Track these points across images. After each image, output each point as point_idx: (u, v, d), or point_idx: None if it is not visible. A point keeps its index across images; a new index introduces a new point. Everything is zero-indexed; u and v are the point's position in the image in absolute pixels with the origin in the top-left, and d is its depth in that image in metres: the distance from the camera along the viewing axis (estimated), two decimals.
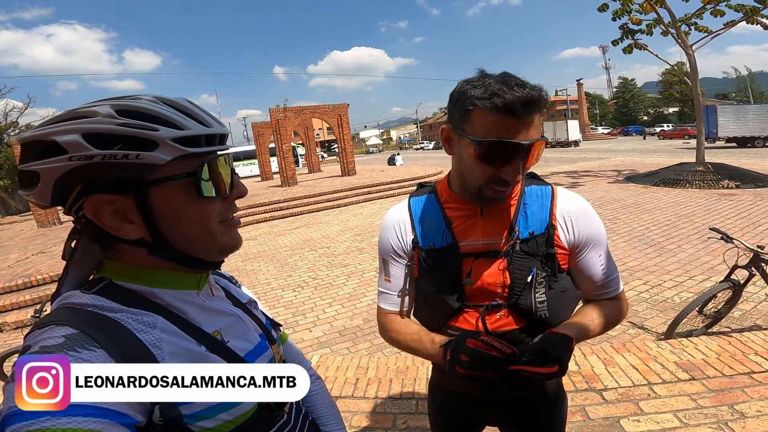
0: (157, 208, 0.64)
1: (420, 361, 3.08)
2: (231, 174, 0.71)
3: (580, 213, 1.05)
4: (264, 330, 0.83)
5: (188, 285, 0.71)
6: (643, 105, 68.00)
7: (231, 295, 0.84)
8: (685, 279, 4.75)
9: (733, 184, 9.97)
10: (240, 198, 0.74)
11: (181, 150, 0.62)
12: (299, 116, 18.62)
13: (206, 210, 0.67)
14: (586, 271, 1.08)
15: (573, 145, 34.42)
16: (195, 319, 0.69)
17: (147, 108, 0.62)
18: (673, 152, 21.03)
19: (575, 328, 1.02)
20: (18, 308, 5.80)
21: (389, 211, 1.17)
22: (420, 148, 66.83)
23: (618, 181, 12.22)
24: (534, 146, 0.90)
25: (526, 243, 1.02)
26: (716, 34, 11.73)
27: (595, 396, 2.43)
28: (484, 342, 0.88)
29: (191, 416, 0.61)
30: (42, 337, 0.55)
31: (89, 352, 0.54)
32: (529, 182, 1.09)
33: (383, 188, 14.31)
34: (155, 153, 0.60)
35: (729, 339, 2.94)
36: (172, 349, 0.62)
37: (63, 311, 0.60)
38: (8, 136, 28.97)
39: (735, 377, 2.44)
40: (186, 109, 0.66)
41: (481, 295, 1.04)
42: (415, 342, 1.10)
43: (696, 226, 6.77)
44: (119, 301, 0.63)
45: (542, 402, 1.18)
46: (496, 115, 0.87)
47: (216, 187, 0.68)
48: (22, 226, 16.35)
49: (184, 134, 0.63)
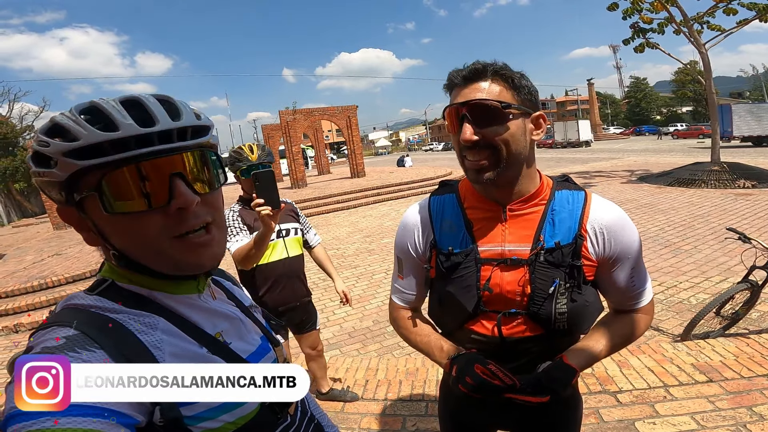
0: (96, 222, 0.61)
1: (430, 363, 3.06)
2: (174, 180, 0.60)
3: (613, 225, 0.99)
4: (265, 332, 0.83)
5: (186, 290, 0.70)
6: (656, 104, 67.17)
7: (233, 296, 0.84)
8: (702, 280, 4.66)
9: (749, 184, 9.78)
10: (183, 209, 0.60)
11: (72, 164, 0.56)
12: (308, 118, 18.70)
13: (136, 225, 0.60)
14: (613, 284, 1.04)
15: (584, 146, 34.08)
16: (196, 320, 0.68)
17: (58, 119, 0.59)
18: (688, 152, 20.72)
19: (584, 357, 1.01)
20: (34, 309, 5.89)
21: (409, 210, 1.15)
22: (429, 150, 66.74)
23: (631, 182, 12.06)
24: (482, 107, 0.91)
25: (551, 253, 0.97)
26: (729, 33, 11.54)
27: (609, 398, 2.38)
28: (491, 371, 0.92)
29: (192, 417, 0.60)
30: (44, 338, 0.55)
31: (89, 352, 0.54)
32: (560, 186, 1.05)
33: (393, 190, 14.30)
34: (54, 170, 0.57)
35: (747, 340, 2.88)
36: (173, 351, 0.62)
37: (66, 312, 0.60)
38: (24, 139, 29.57)
39: (753, 379, 2.38)
40: (104, 109, 0.58)
41: (499, 302, 1.01)
42: (425, 345, 1.11)
43: (712, 227, 6.64)
44: (120, 301, 0.63)
45: (556, 405, 1.15)
46: (453, 90, 0.99)
47: (139, 199, 0.59)
48: (38, 228, 16.66)
49: (73, 146, 0.56)
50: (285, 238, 2.41)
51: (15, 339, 5.23)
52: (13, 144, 30.69)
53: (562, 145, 34.17)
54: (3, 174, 26.91)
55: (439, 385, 1.36)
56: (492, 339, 1.02)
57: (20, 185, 28.06)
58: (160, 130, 0.59)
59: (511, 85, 0.94)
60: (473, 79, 0.94)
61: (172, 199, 0.60)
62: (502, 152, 0.93)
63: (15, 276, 7.31)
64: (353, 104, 19.33)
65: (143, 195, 0.59)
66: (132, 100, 0.60)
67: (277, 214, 1.67)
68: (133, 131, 0.57)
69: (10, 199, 27.81)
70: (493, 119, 0.91)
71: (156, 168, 0.59)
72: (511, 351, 1.01)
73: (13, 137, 30.85)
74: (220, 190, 0.69)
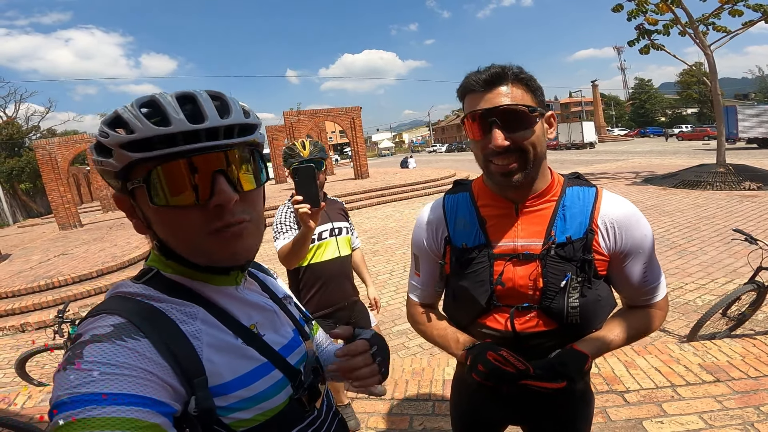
0: (144, 211, 0.65)
1: (436, 363, 3.07)
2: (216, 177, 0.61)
3: (624, 220, 1.01)
4: (297, 326, 0.84)
5: (224, 282, 0.72)
6: (661, 106, 66.89)
7: (268, 288, 0.85)
8: (708, 281, 4.65)
9: (755, 186, 9.73)
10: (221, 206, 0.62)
11: (126, 155, 0.59)
12: (312, 119, 18.74)
13: (175, 218, 0.62)
14: (626, 280, 1.05)
15: (588, 147, 34.00)
16: (233, 311, 0.70)
17: (120, 112, 0.61)
18: (693, 153, 20.64)
19: (596, 344, 1.02)
20: (40, 309, 5.94)
21: (425, 208, 1.18)
22: (432, 151, 66.74)
23: (636, 183, 12.03)
24: (512, 113, 0.92)
25: (562, 247, 0.99)
26: (735, 34, 11.50)
27: (616, 398, 2.38)
28: (503, 357, 0.93)
29: (225, 408, 0.62)
30: (94, 325, 0.58)
31: (135, 341, 0.56)
32: (571, 183, 1.07)
33: (396, 191, 14.31)
34: (111, 160, 0.61)
35: (753, 341, 2.87)
36: (210, 341, 0.64)
37: (115, 300, 0.63)
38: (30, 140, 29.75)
39: (761, 379, 2.38)
40: (160, 104, 0.61)
41: (512, 296, 1.03)
42: (441, 338, 1.13)
43: (717, 228, 6.63)
44: (165, 291, 0.65)
45: (569, 400, 1.16)
46: (470, 94, 0.98)
47: (182, 193, 0.61)
48: (44, 229, 16.76)
49: (128, 138, 0.59)
50: (338, 236, 2.37)
51: (21, 338, 5.27)
52: (19, 144, 30.90)
53: (566, 147, 34.08)
54: (9, 174, 27.09)
55: (451, 383, 1.37)
56: (505, 333, 1.03)
57: (26, 186, 28.24)
58: (208, 127, 0.60)
59: (530, 87, 0.96)
60: (495, 84, 0.94)
61: (212, 195, 0.61)
62: (530, 155, 0.95)
63: (21, 275, 7.38)
64: (357, 105, 19.38)
65: (185, 190, 0.60)
66: (187, 96, 0.62)
67: (317, 213, 1.57)
68: (183, 127, 0.59)
69: (16, 199, 28.01)
70: (522, 124, 0.93)
71: (200, 164, 0.61)
72: (524, 346, 1.01)
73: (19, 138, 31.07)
74: (262, 188, 0.70)
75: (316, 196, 1.53)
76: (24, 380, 3.78)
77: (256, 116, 0.68)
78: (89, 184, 31.69)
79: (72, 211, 14.59)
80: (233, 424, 0.63)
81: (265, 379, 0.68)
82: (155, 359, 0.56)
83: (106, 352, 0.53)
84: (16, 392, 3.16)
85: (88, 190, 33.00)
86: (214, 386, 0.61)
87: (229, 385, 0.63)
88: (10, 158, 28.46)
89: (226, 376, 0.63)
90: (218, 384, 0.62)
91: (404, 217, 10.82)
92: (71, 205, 14.64)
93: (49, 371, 4.10)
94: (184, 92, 0.63)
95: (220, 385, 0.62)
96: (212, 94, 0.65)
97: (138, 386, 0.52)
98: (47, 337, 4.79)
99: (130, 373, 0.52)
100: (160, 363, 0.56)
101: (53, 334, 3.63)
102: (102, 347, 0.53)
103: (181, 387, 0.58)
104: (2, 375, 4.30)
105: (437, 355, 3.63)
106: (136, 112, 0.60)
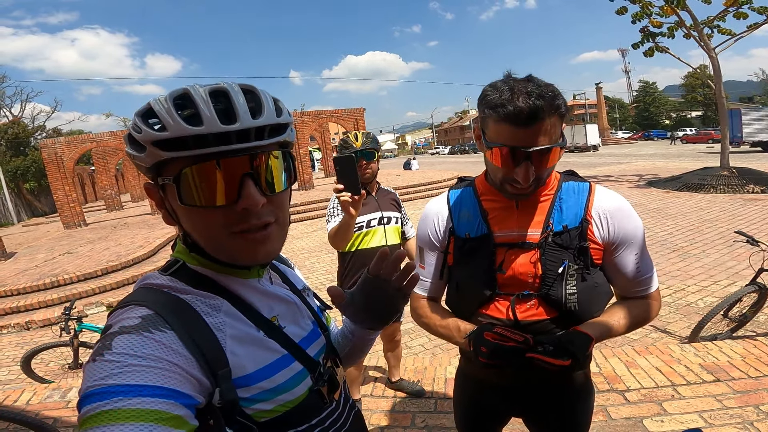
0: (171, 205, 0.66)
1: (438, 362, 3.09)
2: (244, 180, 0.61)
3: (616, 211, 1.06)
4: (316, 318, 0.85)
5: (247, 275, 0.72)
6: (665, 109, 66.64)
7: (288, 280, 0.86)
8: (710, 284, 4.66)
9: (758, 189, 9.72)
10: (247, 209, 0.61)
11: (158, 153, 0.59)
12: (316, 120, 18.81)
13: (202, 217, 0.63)
14: (620, 269, 1.09)
15: (592, 150, 33.93)
16: (255, 303, 0.71)
17: (154, 105, 0.61)
18: (697, 157, 20.57)
19: (599, 328, 1.05)
20: (45, 306, 5.98)
21: (429, 203, 1.23)
22: (435, 153, 66.72)
23: (639, 186, 12.02)
24: (547, 151, 0.94)
25: (559, 236, 1.04)
26: (739, 37, 11.49)
27: (617, 397, 2.40)
28: (499, 334, 0.95)
29: (248, 399, 0.64)
30: (123, 316, 0.59)
31: (161, 333, 0.57)
32: (567, 179, 1.12)
33: (399, 193, 14.14)
34: (142, 155, 0.61)
35: (754, 342, 2.88)
36: (233, 333, 0.65)
37: (143, 291, 0.65)
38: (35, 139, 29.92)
39: (761, 379, 2.39)
40: (193, 99, 0.60)
41: (513, 284, 1.07)
42: (444, 328, 1.16)
43: (720, 231, 6.62)
44: (190, 283, 0.67)
45: (569, 393, 1.19)
46: (503, 124, 0.93)
47: (210, 195, 0.61)
48: (48, 228, 16.86)
49: (161, 137, 0.59)
50: (386, 225, 2.44)
51: (26, 335, 5.31)
52: (25, 144, 31.07)
53: (570, 150, 33.98)
54: (14, 173, 27.25)
55: (452, 381, 1.40)
56: (506, 322, 1.06)
57: (30, 185, 28.39)
58: (240, 128, 0.59)
59: (561, 116, 0.96)
60: (536, 119, 0.91)
61: (239, 198, 0.61)
62: (544, 178, 1.01)
63: (27, 274, 7.43)
64: (360, 107, 19.43)
65: (214, 191, 0.61)
66: (220, 90, 0.62)
67: (358, 201, 1.63)
68: (214, 128, 0.58)
69: (21, 198, 28.15)
70: (551, 159, 0.97)
71: (230, 166, 0.60)
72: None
73: (24, 137, 31.23)
74: (288, 190, 0.70)
75: (356, 185, 1.59)
76: (29, 377, 3.80)
77: (288, 113, 0.68)
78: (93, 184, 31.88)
79: (77, 210, 14.70)
80: (255, 414, 0.65)
81: (285, 371, 0.69)
82: (181, 351, 0.57)
83: (134, 343, 0.54)
84: (21, 389, 3.20)
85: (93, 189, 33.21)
86: (237, 378, 0.62)
87: (251, 376, 0.64)
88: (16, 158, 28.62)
89: (249, 368, 0.64)
90: (241, 376, 0.63)
91: None
92: (76, 204, 14.75)
93: (54, 368, 4.13)
94: (217, 86, 0.62)
95: (242, 377, 0.63)
96: (245, 88, 0.64)
97: (163, 378, 0.53)
98: (53, 334, 4.85)
99: (156, 365, 0.53)
100: (186, 355, 0.57)
101: (59, 332, 3.66)
102: (130, 339, 0.55)
103: (205, 379, 0.58)
104: (7, 372, 4.33)
105: (439, 354, 3.65)
106: (169, 107, 0.59)
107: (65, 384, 3.25)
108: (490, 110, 0.93)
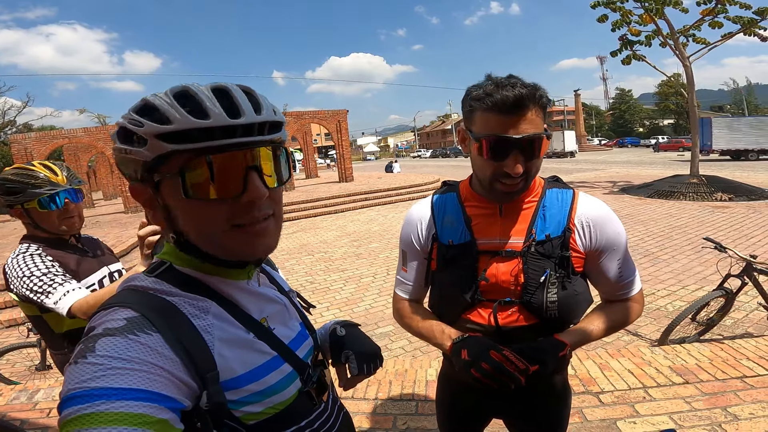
0: (167, 202, 0.64)
1: (418, 364, 3.11)
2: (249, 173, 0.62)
3: (598, 219, 1.08)
4: (303, 319, 0.86)
5: (237, 276, 0.72)
6: (639, 116, 68.48)
7: (275, 281, 0.86)
8: (678, 288, 4.83)
9: (726, 197, 10.10)
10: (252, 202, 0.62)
11: (163, 146, 0.58)
12: (298, 121, 18.68)
13: (205, 212, 0.62)
14: (603, 275, 1.12)
15: (569, 156, 34.62)
16: (245, 305, 0.71)
17: (152, 99, 0.61)
18: (668, 164, 21.23)
19: (577, 334, 1.09)
20: (11, 307, 5.76)
21: (413, 207, 1.23)
22: (417, 156, 67.13)
23: (613, 193, 12.35)
24: (533, 141, 0.96)
25: (541, 245, 1.06)
26: (714, 46, 11.90)
27: (592, 398, 2.47)
28: (505, 357, 0.96)
29: (236, 402, 0.63)
30: (107, 318, 0.58)
31: (147, 335, 0.56)
32: (551, 186, 1.14)
33: (381, 195, 14.38)
34: (142, 149, 0.60)
35: (721, 345, 3.00)
36: (221, 335, 0.64)
37: (127, 293, 0.64)
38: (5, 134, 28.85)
39: (728, 381, 2.49)
40: (196, 95, 0.60)
41: (495, 291, 1.09)
42: (427, 330, 1.17)
43: (689, 238, 6.86)
44: (177, 285, 0.66)
45: (548, 395, 1.23)
46: (490, 113, 0.95)
47: (219, 188, 0.61)
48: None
49: (166, 129, 0.58)
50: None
51: None
52: None
53: (547, 155, 34.35)
54: None
55: (434, 384, 1.42)
56: (488, 328, 1.09)
57: None
58: (245, 122, 0.60)
59: (543, 108, 0.98)
60: (521, 107, 0.93)
61: (245, 191, 0.61)
62: (533, 173, 1.03)
63: None
64: (344, 108, 19.40)
65: (221, 184, 0.60)
66: (221, 89, 0.62)
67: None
68: (222, 121, 0.58)
69: None
70: (538, 150, 0.98)
71: (236, 159, 0.61)
72: (506, 340, 1.06)
73: None
74: (283, 186, 0.71)
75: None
76: None
77: (281, 114, 0.69)
78: None
79: None
80: (243, 417, 0.64)
81: (275, 373, 0.69)
82: (167, 354, 0.56)
83: (118, 346, 0.53)
84: None
85: None
86: (226, 380, 0.62)
87: (240, 379, 0.64)
88: None
89: (238, 371, 0.64)
90: (230, 378, 0.63)
91: (388, 221, 10.87)
92: None
93: (20, 370, 3.99)
94: (217, 85, 0.63)
95: (231, 380, 0.63)
96: (243, 89, 0.65)
97: (148, 381, 0.52)
98: (19, 334, 4.69)
99: (141, 368, 0.52)
100: (172, 358, 0.56)
101: (27, 332, 3.54)
102: (114, 341, 0.53)
103: (192, 382, 0.57)
104: None
105: (420, 357, 3.68)
106: (172, 101, 0.59)
107: (32, 385, 3.15)
108: (476, 102, 0.97)
